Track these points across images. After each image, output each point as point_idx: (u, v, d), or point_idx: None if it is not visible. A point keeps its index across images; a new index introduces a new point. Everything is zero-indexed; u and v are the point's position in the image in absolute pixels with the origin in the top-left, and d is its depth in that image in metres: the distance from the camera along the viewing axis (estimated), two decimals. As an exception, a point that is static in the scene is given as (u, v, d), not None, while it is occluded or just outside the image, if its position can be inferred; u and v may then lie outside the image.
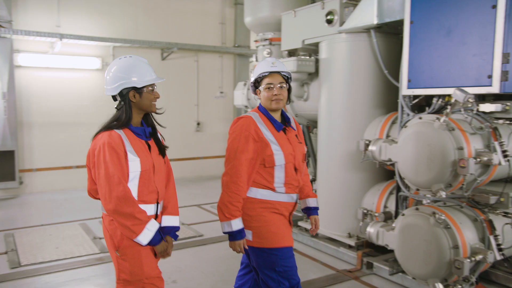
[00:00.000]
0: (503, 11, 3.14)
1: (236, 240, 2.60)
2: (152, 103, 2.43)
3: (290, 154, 2.65)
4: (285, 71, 2.70)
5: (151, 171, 2.40)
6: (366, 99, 4.59)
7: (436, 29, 3.58)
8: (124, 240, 2.34)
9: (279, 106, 2.67)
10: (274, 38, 6.08)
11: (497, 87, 3.23)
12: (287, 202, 2.73)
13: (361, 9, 4.36)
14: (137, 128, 2.42)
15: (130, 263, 2.36)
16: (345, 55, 4.64)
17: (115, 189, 2.25)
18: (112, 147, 2.27)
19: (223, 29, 10.30)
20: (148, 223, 2.32)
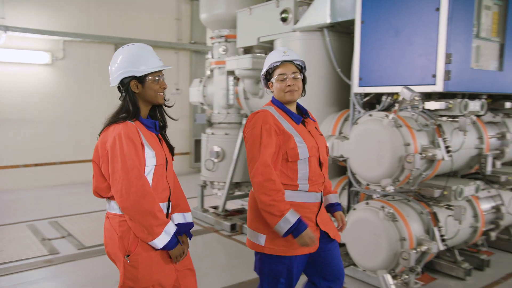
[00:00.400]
0: (446, 14, 3.30)
1: (301, 232, 2.26)
2: (158, 94, 2.22)
3: (314, 147, 2.43)
4: (298, 60, 2.47)
5: (164, 166, 2.24)
6: (320, 97, 4.68)
7: (385, 29, 3.71)
8: (136, 245, 2.11)
9: (294, 98, 2.45)
10: (230, 35, 6.06)
11: (440, 86, 3.39)
12: (311, 203, 2.45)
13: (315, 8, 4.44)
14: (147, 120, 2.24)
15: (140, 270, 2.12)
16: (299, 53, 4.62)
17: (134, 183, 2.03)
18: (129, 138, 2.07)
19: (179, 25, 10.17)
20: (167, 225, 2.12)
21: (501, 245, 4.80)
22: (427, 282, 3.98)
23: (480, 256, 4.31)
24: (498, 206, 4.29)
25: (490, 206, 4.27)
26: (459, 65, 3.44)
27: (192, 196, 7.39)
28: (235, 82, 5.88)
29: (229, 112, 6.14)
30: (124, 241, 2.12)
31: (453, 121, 3.72)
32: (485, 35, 3.81)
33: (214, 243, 5.25)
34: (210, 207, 6.38)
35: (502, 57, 3.96)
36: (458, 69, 3.43)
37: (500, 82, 3.99)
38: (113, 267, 2.33)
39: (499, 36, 3.94)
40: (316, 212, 2.46)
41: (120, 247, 2.13)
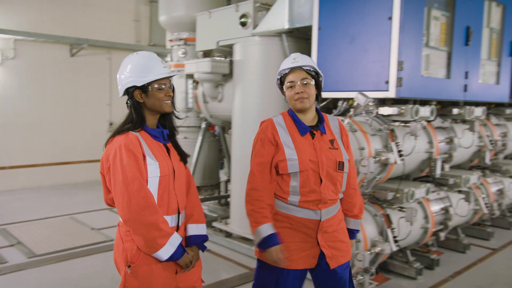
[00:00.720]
0: (398, 23, 3.43)
1: (267, 248, 2.27)
2: (163, 103, 2.15)
3: (310, 160, 2.30)
4: (308, 65, 2.35)
5: (171, 177, 2.17)
6: (279, 101, 4.73)
7: (341, 36, 3.81)
8: (139, 257, 2.08)
9: (304, 106, 2.33)
10: (189, 38, 6.03)
11: (393, 92, 3.52)
12: (305, 219, 2.33)
13: (273, 14, 4.49)
14: (154, 130, 2.19)
15: (140, 282, 2.10)
16: (258, 58, 4.75)
17: (135, 195, 2.00)
18: (129, 149, 2.03)
19: (138, 26, 10.00)
20: (172, 236, 2.07)
21: (449, 244, 5.03)
22: (381, 282, 4.11)
23: (431, 256, 4.49)
24: (446, 208, 4.49)
25: (440, 208, 4.46)
26: (410, 73, 3.59)
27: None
28: (194, 86, 5.84)
29: (188, 116, 6.09)
30: (127, 252, 2.11)
31: (405, 126, 3.86)
32: (434, 44, 4.00)
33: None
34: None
35: (449, 66, 4.16)
36: (409, 76, 3.58)
37: (448, 89, 4.19)
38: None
39: (447, 46, 4.14)
40: (315, 230, 2.34)
41: (123, 257, 2.12)
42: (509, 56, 5.11)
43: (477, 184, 4.95)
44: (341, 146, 2.41)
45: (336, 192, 2.39)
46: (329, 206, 2.36)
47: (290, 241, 2.35)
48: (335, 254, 2.37)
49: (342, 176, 2.38)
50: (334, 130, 2.43)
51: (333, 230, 2.39)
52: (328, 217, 2.36)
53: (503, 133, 5.38)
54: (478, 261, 4.72)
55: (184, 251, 2.13)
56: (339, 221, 2.44)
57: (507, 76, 5.14)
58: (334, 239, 2.38)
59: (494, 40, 4.94)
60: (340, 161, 2.34)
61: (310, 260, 2.36)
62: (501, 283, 4.19)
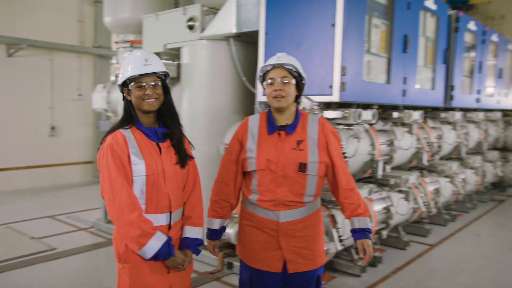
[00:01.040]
0: (341, 30, 3.56)
1: (207, 238, 2.52)
2: (142, 101, 2.16)
3: (268, 160, 2.29)
4: (290, 65, 2.32)
5: (160, 176, 2.18)
6: (226, 105, 4.76)
7: (287, 41, 3.90)
8: (128, 252, 2.15)
9: (281, 105, 2.30)
10: (136, 41, 5.90)
11: (337, 96, 3.64)
12: (264, 219, 2.35)
13: (221, 18, 4.51)
14: (147, 128, 2.21)
15: (130, 278, 2.16)
16: (206, 61, 4.74)
17: (118, 193, 2.06)
18: (113, 149, 2.10)
19: (82, 27, 9.65)
20: (154, 236, 2.09)
21: (391, 242, 5.26)
22: (327, 281, 4.22)
23: (374, 254, 4.67)
24: (388, 207, 4.70)
25: (382, 207, 4.66)
26: (353, 78, 3.73)
27: (96, 207, 7.04)
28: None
29: (135, 119, 5.95)
30: (118, 248, 2.19)
31: (348, 129, 4.01)
32: (375, 51, 4.18)
33: (119, 255, 5.03)
34: (115, 218, 6.11)
35: (389, 71, 4.37)
36: (352, 81, 3.72)
37: (388, 93, 4.40)
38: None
39: (387, 52, 4.35)
40: (275, 231, 2.34)
41: (116, 253, 2.21)
42: (442, 63, 5.45)
43: (415, 184, 5.22)
44: (312, 148, 2.32)
45: (298, 194, 2.32)
46: (290, 209, 2.33)
47: (255, 239, 2.39)
48: (296, 260, 2.35)
49: (304, 178, 2.30)
50: (310, 131, 2.36)
51: (300, 235, 2.35)
52: (289, 219, 2.33)
53: (438, 136, 5.72)
54: (417, 257, 4.98)
55: (170, 252, 2.14)
56: (308, 226, 2.38)
57: (441, 82, 5.47)
58: (300, 245, 2.36)
59: (429, 48, 5.24)
60: (301, 163, 2.29)
61: (275, 263, 2.36)
62: (438, 276, 4.44)
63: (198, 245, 2.33)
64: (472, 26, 6.12)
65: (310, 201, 2.38)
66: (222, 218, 2.52)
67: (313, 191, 2.36)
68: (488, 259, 4.96)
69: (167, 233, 2.22)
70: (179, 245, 2.29)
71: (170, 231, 2.24)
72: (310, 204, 2.39)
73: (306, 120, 2.40)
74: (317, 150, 2.32)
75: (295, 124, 2.36)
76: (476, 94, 6.54)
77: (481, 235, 5.99)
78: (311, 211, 2.40)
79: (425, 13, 5.03)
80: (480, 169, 7.16)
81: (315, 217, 2.43)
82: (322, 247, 2.47)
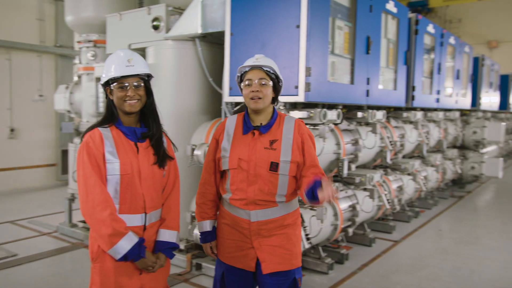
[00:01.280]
0: (305, 31, 3.62)
1: (202, 242, 2.52)
2: (123, 102, 2.16)
3: (240, 159, 2.31)
4: (268, 66, 2.33)
5: (135, 176, 2.17)
6: (193, 105, 4.74)
7: (253, 42, 3.92)
8: (99, 252, 2.16)
9: (258, 106, 2.31)
10: (99, 40, 5.79)
11: (302, 96, 3.69)
12: (238, 217, 2.37)
13: (186, 18, 4.49)
14: (125, 127, 2.22)
15: (101, 278, 2.17)
16: (172, 62, 4.70)
17: (91, 191, 2.07)
18: (89, 147, 2.11)
19: (42, 26, 9.35)
20: (126, 236, 2.09)
21: (357, 239, 5.38)
22: (295, 279, 4.27)
23: (341, 251, 4.77)
24: (354, 205, 4.80)
25: (347, 205, 4.76)
26: (317, 78, 3.80)
27: (59, 211, 6.84)
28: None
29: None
30: (93, 246, 2.19)
31: (314, 128, 4.07)
32: (338, 52, 4.27)
33: (84, 260, 4.91)
34: (79, 221, 5.96)
35: (353, 72, 4.47)
36: (316, 81, 3.78)
37: (352, 94, 4.50)
38: None
39: (350, 53, 4.45)
40: (248, 230, 2.35)
41: (90, 251, 2.21)
42: (403, 64, 5.62)
43: (380, 182, 5.36)
44: (285, 147, 2.32)
45: (269, 194, 2.32)
46: (262, 208, 2.33)
47: (229, 238, 2.42)
48: (271, 260, 2.35)
49: (276, 178, 2.31)
50: (286, 131, 2.36)
51: (274, 234, 2.36)
52: (262, 219, 2.34)
53: (401, 135, 5.89)
54: (382, 253, 5.11)
55: (140, 254, 2.13)
56: (282, 226, 2.37)
57: (403, 83, 5.64)
58: (274, 244, 2.35)
59: (391, 50, 5.40)
60: (273, 162, 2.29)
61: (248, 262, 2.38)
62: (402, 271, 4.58)
63: (172, 248, 2.32)
64: (431, 29, 6.35)
65: (282, 201, 2.37)
66: (212, 218, 2.52)
67: (284, 191, 2.35)
68: (449, 253, 5.16)
69: (142, 234, 2.21)
70: (153, 248, 2.28)
71: (145, 233, 2.23)
72: (283, 204, 2.38)
73: (282, 120, 2.42)
74: (290, 150, 2.33)
75: (269, 124, 2.38)
76: (436, 95, 6.79)
77: (442, 230, 6.22)
78: (285, 212, 2.39)
79: (386, 15, 5.18)
80: (441, 166, 7.43)
81: (290, 218, 2.42)
82: (298, 250, 2.43)
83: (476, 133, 8.77)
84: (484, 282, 4.31)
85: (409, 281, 4.32)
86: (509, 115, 14.09)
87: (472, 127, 8.81)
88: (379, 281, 4.31)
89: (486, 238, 5.81)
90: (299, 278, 2.43)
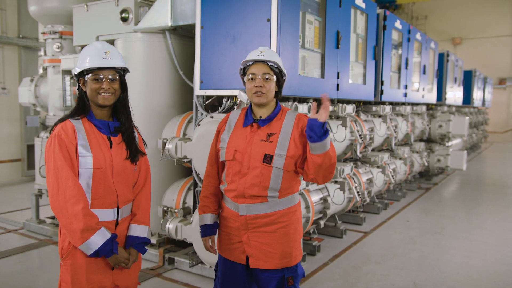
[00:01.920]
0: (276, 25, 3.62)
1: (201, 236, 2.52)
2: (97, 94, 2.13)
3: (236, 150, 2.32)
4: (272, 61, 2.30)
5: (108, 170, 2.14)
6: (164, 99, 4.68)
7: (224, 35, 3.90)
8: (69, 249, 2.11)
9: (260, 101, 2.29)
10: (65, 32, 5.63)
11: (273, 90, 3.70)
12: (231, 211, 2.38)
13: (156, 10, 4.42)
14: (99, 121, 2.17)
15: (72, 275, 2.11)
16: (141, 55, 4.63)
17: (63, 184, 2.01)
18: (61, 139, 2.05)
19: (3, 16, 8.99)
20: (98, 231, 2.05)
21: (328, 231, 5.47)
22: (267, 271, 4.30)
23: (313, 243, 4.84)
24: (325, 197, 4.86)
25: (319, 198, 4.82)
26: (288, 72, 3.79)
27: (26, 207, 6.64)
28: (73, 82, 5.48)
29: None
30: (63, 243, 2.14)
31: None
32: (309, 46, 4.30)
33: (53, 257, 4.79)
34: (47, 218, 5.81)
35: (323, 67, 4.51)
36: (287, 75, 3.77)
37: (323, 88, 4.54)
38: None
39: (320, 48, 4.49)
40: (238, 222, 2.35)
41: (60, 248, 2.16)
42: (372, 59, 5.73)
43: (350, 175, 5.45)
44: (282, 141, 2.28)
45: (261, 187, 2.28)
46: (251, 203, 2.31)
47: (224, 230, 2.47)
48: (257, 256, 2.34)
49: (269, 170, 2.27)
50: (285, 126, 2.32)
51: (264, 230, 2.33)
52: (252, 213, 2.31)
53: (370, 128, 6.01)
54: (353, 244, 5.22)
55: (112, 250, 2.10)
56: (273, 223, 2.33)
57: (371, 77, 5.75)
58: (262, 240, 2.33)
59: (360, 45, 5.48)
60: (267, 154, 2.26)
61: (239, 255, 2.39)
62: (372, 261, 4.69)
63: (144, 243, 2.30)
64: (398, 24, 6.48)
65: (275, 196, 2.32)
66: (213, 213, 2.52)
67: (277, 185, 2.30)
68: (416, 243, 5.32)
69: (114, 229, 2.20)
70: (124, 243, 2.27)
71: (118, 227, 2.22)
72: (274, 201, 2.33)
73: (284, 114, 2.39)
74: (287, 144, 2.28)
75: (269, 117, 2.35)
76: (404, 89, 6.95)
77: (410, 221, 6.40)
78: (278, 208, 2.34)
79: (355, 11, 5.25)
80: (409, 159, 7.62)
81: (285, 216, 2.36)
82: (290, 249, 2.36)
83: (441, 127, 9.05)
84: (449, 270, 4.46)
85: (379, 270, 4.43)
86: (472, 110, 14.61)
87: (438, 121, 9.08)
88: (350, 271, 4.40)
89: (451, 228, 6.02)
90: (291, 277, 2.37)
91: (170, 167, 4.67)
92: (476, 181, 10.11)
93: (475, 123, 14.83)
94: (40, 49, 6.04)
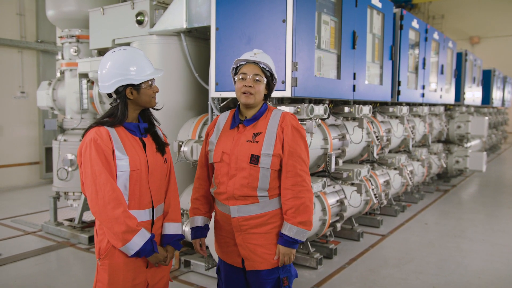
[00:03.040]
0: (291, 25, 3.59)
1: (192, 238, 2.53)
2: (152, 98, 2.25)
3: (223, 152, 2.32)
4: (264, 63, 2.32)
5: (144, 171, 2.21)
6: (179, 101, 4.68)
7: (239, 36, 3.88)
8: (108, 250, 2.16)
9: (249, 101, 2.30)
10: (82, 36, 5.68)
11: (289, 91, 3.67)
12: (223, 214, 2.40)
13: (171, 13, 4.42)
14: (130, 124, 2.24)
15: (109, 275, 2.17)
16: (157, 57, 4.64)
17: (102, 189, 2.06)
18: (98, 144, 2.10)
19: (22, 21, 9.15)
20: (139, 232, 2.11)
21: (345, 234, 5.40)
22: (284, 275, 4.26)
23: (329, 246, 4.79)
24: (341, 200, 4.81)
25: (335, 200, 4.76)
26: (304, 73, 3.78)
27: (44, 209, 6.73)
28: (89, 86, 5.52)
29: (83, 117, 5.74)
30: (99, 244, 2.19)
31: (301, 124, 4.05)
32: (325, 47, 4.25)
33: (71, 259, 4.84)
34: (64, 220, 5.87)
35: (339, 67, 4.46)
36: (303, 76, 3.76)
37: (339, 89, 4.49)
38: None
39: (336, 48, 4.44)
40: (231, 225, 2.36)
41: (96, 250, 2.21)
42: (389, 59, 5.65)
43: (367, 177, 5.38)
44: (268, 141, 2.29)
45: (250, 188, 2.29)
46: (242, 204, 2.31)
47: (220, 233, 2.48)
48: (252, 258, 2.35)
49: (257, 171, 2.27)
50: (271, 125, 2.32)
51: (257, 232, 2.33)
52: (242, 215, 2.31)
53: (387, 129, 5.93)
54: (370, 247, 5.14)
55: (153, 249, 2.18)
56: (266, 223, 2.33)
57: (388, 78, 5.66)
58: (256, 242, 2.33)
59: (376, 45, 5.41)
60: (253, 154, 2.27)
61: (235, 258, 2.42)
62: (390, 265, 4.61)
63: (178, 240, 2.37)
64: (415, 24, 6.38)
65: (265, 196, 2.32)
66: (204, 215, 2.54)
67: (266, 185, 2.31)
68: (435, 246, 5.21)
69: (150, 229, 2.26)
70: (160, 241, 2.34)
71: (154, 227, 2.29)
72: (265, 201, 2.33)
73: (270, 114, 2.39)
74: (273, 143, 2.29)
75: (254, 117, 2.36)
76: (421, 89, 6.84)
77: (428, 224, 6.29)
78: (270, 209, 2.34)
79: (371, 10, 5.18)
80: (426, 161, 7.50)
81: (277, 216, 2.36)
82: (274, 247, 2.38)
83: (460, 128, 8.88)
84: (469, 274, 4.36)
85: (397, 274, 4.35)
86: (491, 110, 14.33)
87: (456, 122, 8.92)
88: (368, 275, 4.33)
89: (471, 231, 5.89)
90: (285, 278, 2.40)
91: (185, 170, 4.67)
92: (495, 182, 9.90)
93: (495, 124, 14.55)
94: (57, 53, 6.10)
